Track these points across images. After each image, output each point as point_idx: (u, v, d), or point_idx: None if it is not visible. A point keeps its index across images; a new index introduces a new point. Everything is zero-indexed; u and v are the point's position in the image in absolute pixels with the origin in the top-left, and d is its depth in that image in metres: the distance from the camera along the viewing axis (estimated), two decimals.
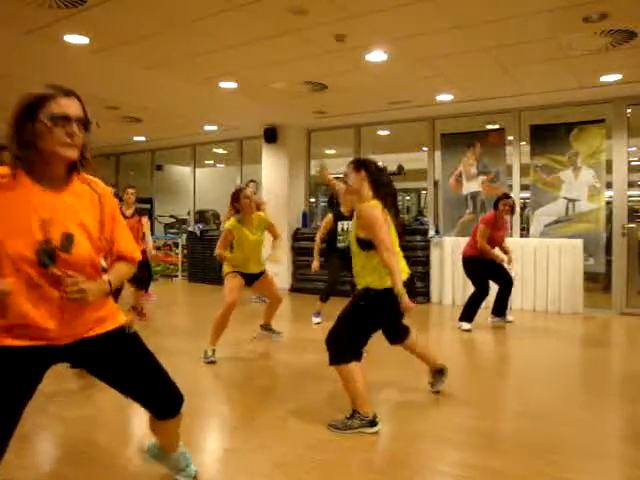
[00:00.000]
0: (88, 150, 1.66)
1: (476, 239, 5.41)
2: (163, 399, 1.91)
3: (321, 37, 4.49)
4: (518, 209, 7.09)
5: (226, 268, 4.54)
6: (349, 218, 5.68)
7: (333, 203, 5.90)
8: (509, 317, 5.88)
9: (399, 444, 2.75)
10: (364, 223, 2.83)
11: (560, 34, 4.40)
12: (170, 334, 5.27)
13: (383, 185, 2.92)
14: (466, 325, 5.49)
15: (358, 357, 2.92)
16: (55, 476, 2.34)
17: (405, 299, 2.73)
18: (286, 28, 4.30)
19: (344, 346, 2.89)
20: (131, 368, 1.84)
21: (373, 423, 2.83)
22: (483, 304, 5.54)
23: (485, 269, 5.48)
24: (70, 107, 1.60)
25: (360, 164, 2.95)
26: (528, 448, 2.61)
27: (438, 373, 3.44)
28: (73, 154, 1.60)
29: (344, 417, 2.87)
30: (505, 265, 5.47)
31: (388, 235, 2.79)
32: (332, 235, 5.79)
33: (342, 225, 5.75)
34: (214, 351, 4.22)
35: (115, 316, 1.82)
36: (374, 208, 2.81)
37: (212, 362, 4.15)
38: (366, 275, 2.90)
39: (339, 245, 5.76)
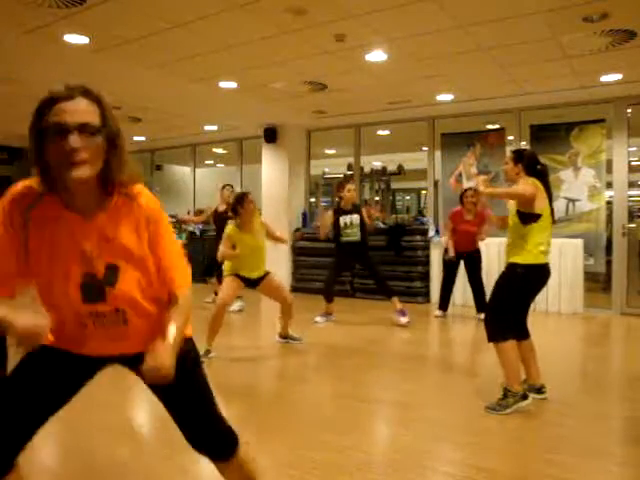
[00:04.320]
0: (117, 157, 1.33)
1: None
2: (208, 440, 1.60)
3: (321, 37, 4.49)
4: None
5: (226, 269, 4.53)
6: (350, 212, 5.81)
7: (339, 194, 5.94)
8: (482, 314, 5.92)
9: (399, 444, 2.75)
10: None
11: (560, 34, 4.39)
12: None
13: (536, 175, 3.19)
14: (437, 312, 6.23)
15: (517, 334, 3.16)
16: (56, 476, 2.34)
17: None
18: (286, 28, 4.29)
19: (501, 323, 3.10)
20: (178, 397, 1.55)
21: (525, 396, 3.05)
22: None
23: (450, 262, 6.06)
24: (69, 113, 1.26)
25: (518, 158, 3.23)
26: (528, 448, 2.61)
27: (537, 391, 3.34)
28: (81, 173, 1.26)
29: (497, 399, 3.06)
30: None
31: (529, 189, 3.06)
32: (336, 231, 5.83)
33: (345, 220, 5.77)
34: (209, 351, 4.24)
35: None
36: (527, 180, 3.13)
37: (208, 357, 4.19)
38: (517, 249, 3.11)
39: (344, 239, 5.80)
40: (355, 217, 5.80)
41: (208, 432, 1.60)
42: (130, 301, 1.42)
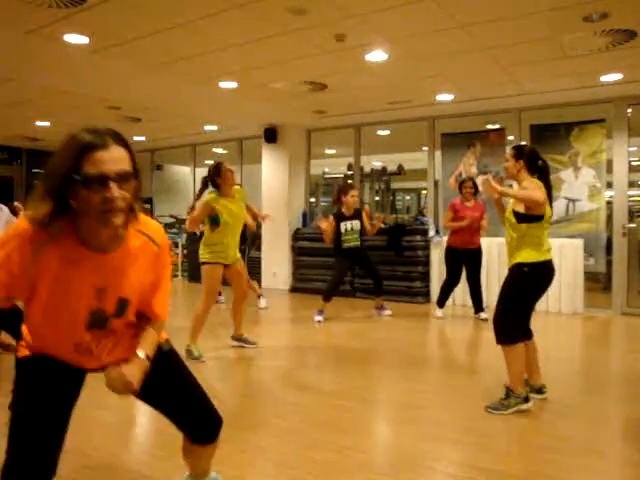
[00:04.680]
0: (138, 198, 1.41)
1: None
2: (199, 423, 1.76)
3: (321, 37, 4.49)
4: None
5: (206, 255, 4.19)
6: (351, 218, 5.88)
7: (339, 199, 5.95)
8: (482, 314, 5.93)
9: (399, 444, 2.75)
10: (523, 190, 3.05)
11: (560, 34, 4.39)
12: (169, 334, 5.26)
13: (538, 171, 3.17)
14: (438, 312, 6.11)
15: (526, 335, 3.17)
16: None
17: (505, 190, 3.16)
18: (286, 28, 4.29)
19: (510, 324, 3.07)
20: (167, 388, 1.72)
21: (527, 399, 3.07)
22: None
23: (454, 258, 5.94)
24: (106, 163, 1.30)
25: (519, 154, 3.17)
26: (528, 448, 2.62)
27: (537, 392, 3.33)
28: (116, 221, 1.33)
29: (499, 398, 3.07)
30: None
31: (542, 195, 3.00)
32: (337, 237, 5.87)
33: (345, 225, 5.84)
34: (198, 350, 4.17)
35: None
36: (532, 182, 3.07)
37: (200, 360, 4.12)
38: (520, 250, 3.08)
39: (345, 245, 5.86)
40: (356, 223, 5.89)
41: (200, 410, 1.76)
42: (127, 324, 1.57)
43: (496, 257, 6.60)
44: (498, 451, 2.60)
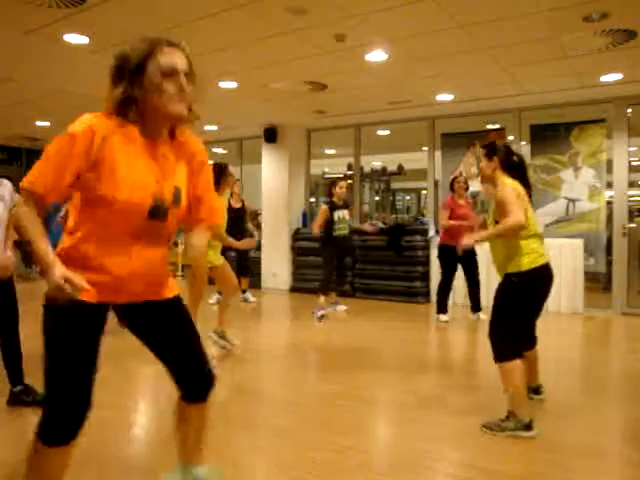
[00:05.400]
0: (194, 104, 1.59)
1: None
2: (196, 375, 1.81)
3: (321, 37, 4.49)
4: None
5: (214, 257, 4.24)
6: (342, 208, 6.28)
7: (330, 194, 6.34)
8: (480, 314, 5.91)
9: (399, 444, 2.75)
10: (499, 203, 2.86)
11: (560, 34, 4.39)
12: None
13: (514, 168, 2.96)
14: (442, 317, 5.95)
15: (527, 346, 3.03)
16: None
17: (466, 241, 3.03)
18: (286, 28, 4.29)
19: (507, 340, 2.82)
20: (175, 336, 1.78)
21: (529, 427, 2.71)
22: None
23: (448, 255, 5.76)
24: (177, 58, 1.53)
25: (491, 152, 3.00)
26: (528, 448, 2.61)
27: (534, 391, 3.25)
28: (184, 110, 1.53)
29: (499, 419, 2.77)
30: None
31: (520, 211, 2.78)
32: (328, 225, 6.17)
33: (338, 214, 6.21)
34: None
35: (174, 284, 1.80)
36: (505, 187, 2.86)
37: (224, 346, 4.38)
38: (507, 262, 2.88)
39: (336, 234, 6.18)
40: (346, 212, 6.28)
41: (199, 363, 1.80)
42: (178, 221, 1.67)
43: None
44: (498, 451, 2.59)
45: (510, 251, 2.86)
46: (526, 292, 2.85)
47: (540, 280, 2.90)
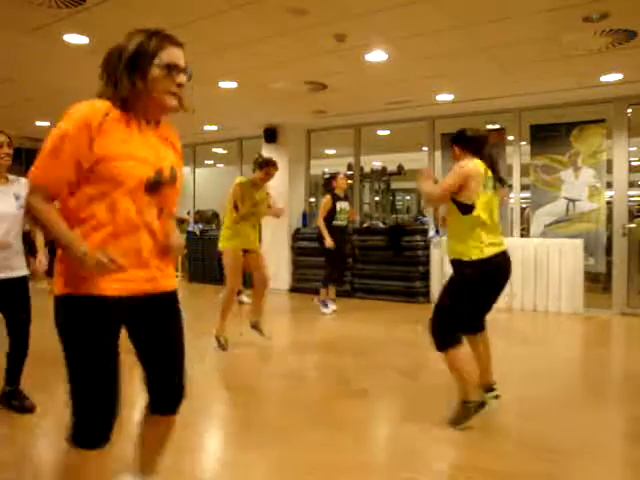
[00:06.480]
0: (183, 98, 1.71)
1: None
2: (170, 384, 1.77)
3: (321, 37, 4.48)
4: (518, 209, 7.14)
5: (227, 242, 4.49)
6: (343, 199, 6.52)
7: (330, 186, 6.61)
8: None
9: (399, 444, 2.75)
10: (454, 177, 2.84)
11: (560, 34, 4.39)
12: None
13: (470, 143, 2.92)
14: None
15: (469, 329, 2.92)
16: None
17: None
18: (286, 28, 4.29)
19: (445, 329, 2.81)
20: (162, 337, 1.74)
21: (483, 404, 2.84)
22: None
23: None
24: (179, 57, 1.64)
25: (454, 140, 2.98)
26: (528, 448, 2.61)
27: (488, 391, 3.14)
28: (177, 104, 1.66)
29: (456, 411, 2.82)
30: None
31: (444, 191, 2.83)
32: (330, 215, 6.41)
33: (340, 205, 6.47)
34: (226, 339, 4.46)
35: (173, 277, 1.78)
36: (458, 167, 2.84)
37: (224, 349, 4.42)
38: (457, 244, 2.84)
39: (337, 223, 6.44)
40: (346, 204, 6.57)
41: (173, 376, 1.76)
42: (173, 203, 1.73)
43: None
44: (498, 451, 2.59)
45: (460, 238, 2.83)
46: (475, 282, 2.79)
47: (491, 270, 2.80)
